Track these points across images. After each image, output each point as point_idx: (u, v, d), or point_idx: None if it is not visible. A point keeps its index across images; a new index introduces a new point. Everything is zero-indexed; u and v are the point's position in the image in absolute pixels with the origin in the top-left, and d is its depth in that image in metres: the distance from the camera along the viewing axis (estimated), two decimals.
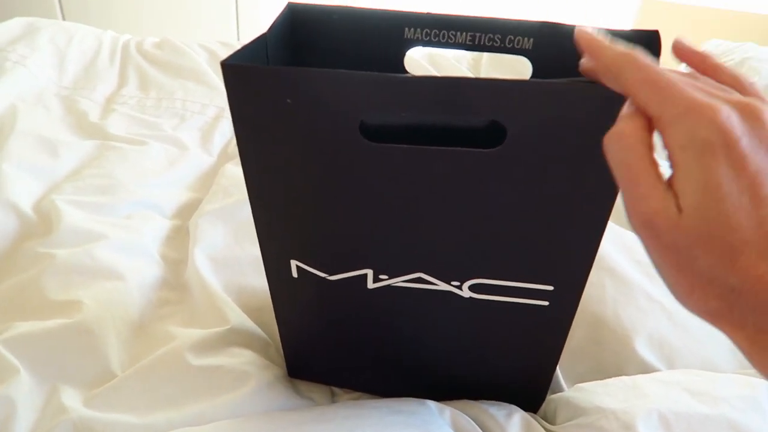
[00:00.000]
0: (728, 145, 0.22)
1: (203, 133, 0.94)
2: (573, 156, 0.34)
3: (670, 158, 0.24)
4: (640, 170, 0.24)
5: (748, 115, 0.23)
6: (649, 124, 0.25)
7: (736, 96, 0.24)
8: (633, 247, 0.68)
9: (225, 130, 0.96)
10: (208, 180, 0.84)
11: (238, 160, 0.87)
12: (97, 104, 0.99)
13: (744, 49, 1.14)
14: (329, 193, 0.38)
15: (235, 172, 0.81)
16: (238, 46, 1.18)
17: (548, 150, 0.34)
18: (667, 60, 0.29)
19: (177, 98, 1.01)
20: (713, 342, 0.58)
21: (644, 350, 0.56)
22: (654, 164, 0.24)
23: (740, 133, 0.23)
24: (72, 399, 0.49)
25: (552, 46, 0.44)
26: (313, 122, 0.34)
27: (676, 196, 0.24)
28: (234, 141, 0.96)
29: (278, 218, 0.41)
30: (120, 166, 0.79)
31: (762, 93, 0.26)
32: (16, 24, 1.12)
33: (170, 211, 0.76)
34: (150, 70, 1.10)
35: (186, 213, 0.77)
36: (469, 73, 1.13)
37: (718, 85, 0.26)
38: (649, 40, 0.40)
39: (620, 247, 0.67)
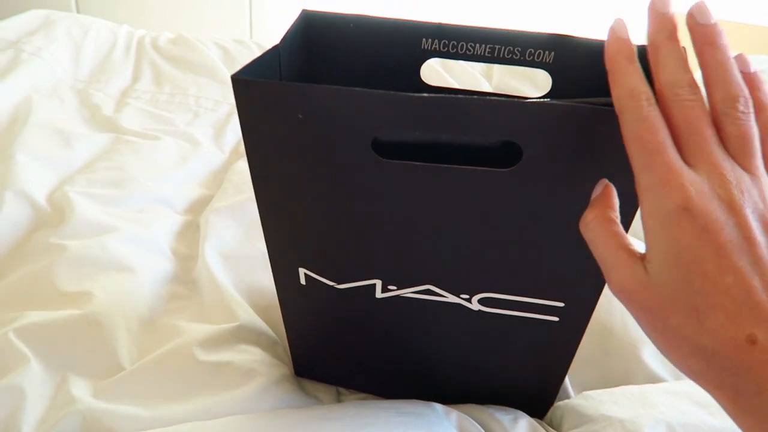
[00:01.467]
0: (694, 217, 0.24)
1: (216, 130, 0.95)
2: (589, 175, 0.33)
3: (642, 222, 0.26)
4: (606, 247, 0.27)
5: (724, 188, 0.24)
6: (613, 203, 0.29)
7: (725, 164, 0.25)
8: None
9: (237, 128, 0.96)
10: (219, 176, 0.85)
11: None
12: (111, 98, 0.99)
13: (756, 62, 1.13)
14: (339, 206, 0.38)
15: (246, 169, 0.81)
16: (252, 44, 1.19)
17: (564, 170, 0.33)
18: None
19: (190, 94, 1.02)
20: None
21: (652, 360, 0.56)
22: (618, 237, 0.27)
23: (708, 209, 0.24)
24: (81, 390, 0.49)
25: (572, 60, 0.44)
26: (324, 137, 0.34)
27: (647, 260, 0.26)
28: None
29: (287, 227, 0.40)
30: (133, 160, 0.80)
31: None
32: (33, 16, 1.12)
33: (181, 206, 0.76)
34: (164, 65, 1.10)
35: (197, 209, 0.77)
36: (482, 79, 1.13)
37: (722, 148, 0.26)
38: None
39: None
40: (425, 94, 0.31)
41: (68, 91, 0.98)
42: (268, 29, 2.17)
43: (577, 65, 0.44)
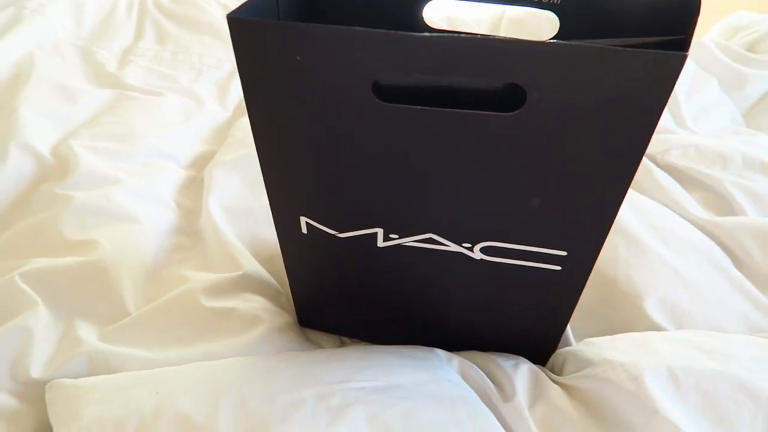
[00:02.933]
0: None
1: (219, 88, 0.94)
2: (595, 120, 0.32)
3: None
4: None
5: None
6: None
7: None
8: (648, 212, 0.67)
9: (240, 85, 0.96)
10: (222, 133, 0.84)
11: None
12: (114, 56, 0.99)
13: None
14: (339, 152, 0.37)
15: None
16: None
17: (569, 115, 0.32)
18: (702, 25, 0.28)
19: (194, 52, 1.01)
20: (724, 308, 0.57)
21: (655, 312, 0.56)
22: None
23: None
24: (87, 333, 0.50)
25: (581, 1, 0.43)
26: (323, 80, 0.33)
27: None
28: None
29: (287, 175, 0.40)
30: (137, 116, 0.80)
31: None
32: None
33: (185, 161, 0.77)
34: (167, 24, 1.09)
35: (200, 164, 0.77)
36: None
37: None
38: (687, 3, 0.38)
39: (635, 211, 0.67)
40: (428, 34, 0.30)
41: (70, 49, 0.97)
42: None
43: (585, 6, 0.43)
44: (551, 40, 0.34)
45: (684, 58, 0.29)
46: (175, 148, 0.77)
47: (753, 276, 0.62)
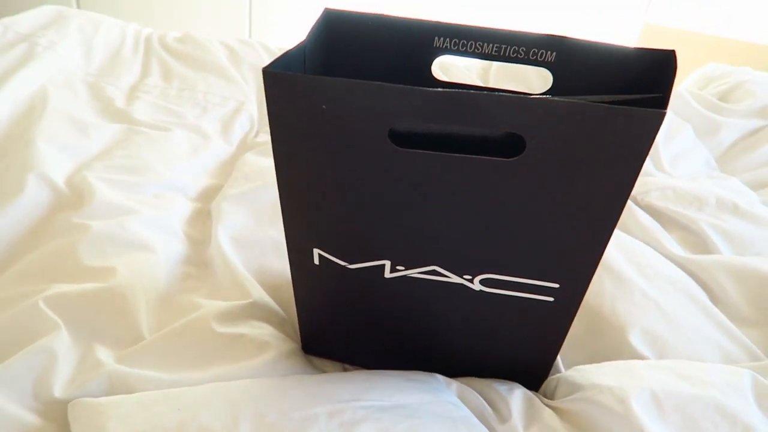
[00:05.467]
0: None
1: (223, 124, 0.98)
2: (586, 167, 0.36)
3: None
4: None
5: None
6: None
7: None
8: (631, 249, 0.72)
9: (244, 122, 1.00)
10: (227, 168, 0.88)
11: (257, 149, 0.91)
12: (122, 91, 1.03)
13: (741, 73, 1.19)
14: (355, 191, 0.41)
15: (255, 160, 0.85)
16: (256, 44, 1.23)
17: (564, 161, 0.36)
18: (679, 74, 0.33)
19: (199, 90, 1.05)
20: (702, 339, 0.61)
21: (638, 343, 0.59)
22: None
23: None
24: (105, 356, 0.52)
25: (572, 60, 0.47)
26: (345, 127, 0.37)
27: None
28: (253, 133, 1.00)
29: (305, 210, 0.44)
30: (146, 149, 0.83)
31: None
32: (45, 12, 1.15)
33: (193, 193, 0.80)
34: (173, 62, 1.13)
35: (207, 197, 0.80)
36: (479, 82, 1.17)
37: None
38: (664, 60, 0.43)
39: (619, 249, 0.71)
40: (438, 89, 0.35)
41: (80, 84, 1.01)
42: (268, 28, 2.20)
43: (576, 65, 0.48)
44: (546, 95, 0.39)
45: (663, 115, 0.34)
46: (183, 181, 0.80)
47: (727, 310, 0.66)
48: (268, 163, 0.84)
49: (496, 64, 1.19)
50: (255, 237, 0.71)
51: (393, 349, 0.54)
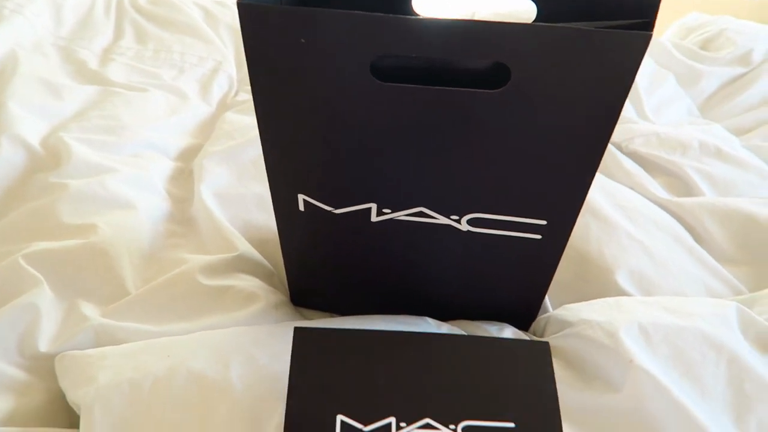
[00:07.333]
0: None
1: (202, 85, 0.96)
2: (571, 99, 0.36)
3: None
4: None
5: None
6: None
7: None
8: (616, 194, 0.72)
9: (222, 83, 0.98)
10: (207, 127, 0.86)
11: (238, 108, 0.89)
12: (95, 54, 1.00)
13: (722, 21, 1.19)
14: (337, 130, 0.40)
15: (235, 118, 0.83)
16: (232, 4, 1.20)
17: (550, 89, 0.36)
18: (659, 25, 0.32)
19: (175, 51, 1.03)
20: (687, 277, 0.62)
21: (625, 283, 0.60)
22: None
23: None
24: (91, 311, 0.51)
25: None
26: (326, 62, 0.36)
27: None
28: (232, 93, 0.98)
29: (287, 154, 0.43)
30: (123, 110, 0.81)
31: None
32: None
33: (174, 153, 0.78)
34: (146, 24, 1.10)
35: (188, 156, 0.79)
36: None
37: None
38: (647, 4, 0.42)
39: (604, 193, 0.71)
40: (421, 17, 0.34)
41: (51, 48, 0.98)
42: None
43: None
44: (532, 23, 0.38)
45: (649, 37, 0.33)
46: (163, 141, 0.78)
47: (711, 249, 0.67)
48: (249, 120, 0.83)
49: (481, 11, 1.17)
50: (239, 193, 0.70)
51: (382, 295, 0.54)
